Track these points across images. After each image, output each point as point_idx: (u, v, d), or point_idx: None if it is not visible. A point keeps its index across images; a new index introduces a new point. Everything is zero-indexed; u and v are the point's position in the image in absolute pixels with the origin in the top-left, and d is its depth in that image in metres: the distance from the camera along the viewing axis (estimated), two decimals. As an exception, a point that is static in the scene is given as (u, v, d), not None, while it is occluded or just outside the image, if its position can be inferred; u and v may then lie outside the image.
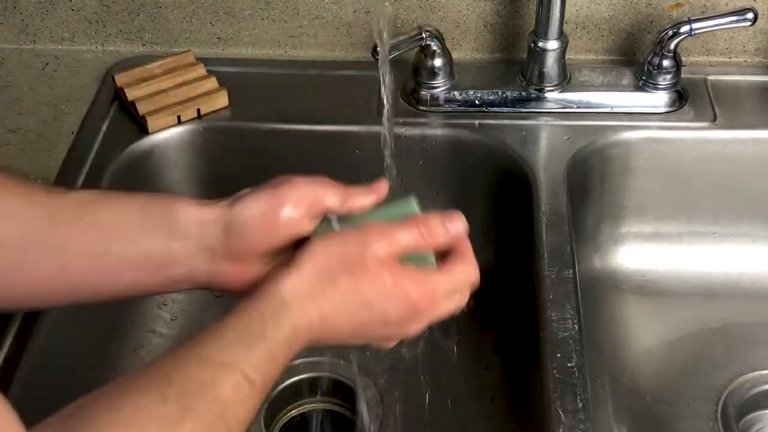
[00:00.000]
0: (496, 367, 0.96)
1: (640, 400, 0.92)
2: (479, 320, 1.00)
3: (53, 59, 1.10)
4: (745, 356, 0.95)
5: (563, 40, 0.98)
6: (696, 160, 0.99)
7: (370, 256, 0.62)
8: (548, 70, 0.99)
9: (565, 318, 0.80)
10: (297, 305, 0.60)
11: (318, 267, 0.61)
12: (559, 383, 0.75)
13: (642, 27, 1.04)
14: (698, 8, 1.02)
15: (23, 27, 1.10)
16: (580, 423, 0.72)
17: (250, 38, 1.09)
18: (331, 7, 1.05)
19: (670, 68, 0.98)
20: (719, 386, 0.93)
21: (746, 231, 1.03)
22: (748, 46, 1.05)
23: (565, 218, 0.89)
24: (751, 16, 0.93)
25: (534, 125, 0.99)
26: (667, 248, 1.04)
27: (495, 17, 1.05)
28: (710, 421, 0.90)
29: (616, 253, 1.04)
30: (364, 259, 0.62)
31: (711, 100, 1.01)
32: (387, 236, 0.63)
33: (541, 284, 0.83)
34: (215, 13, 1.07)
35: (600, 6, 1.03)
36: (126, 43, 1.10)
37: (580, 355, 0.77)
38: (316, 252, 0.62)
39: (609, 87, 1.01)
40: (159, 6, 1.07)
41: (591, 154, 0.98)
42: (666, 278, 1.03)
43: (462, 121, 1.00)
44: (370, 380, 0.95)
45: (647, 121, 0.99)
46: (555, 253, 0.86)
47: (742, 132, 0.99)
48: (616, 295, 1.02)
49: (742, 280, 1.03)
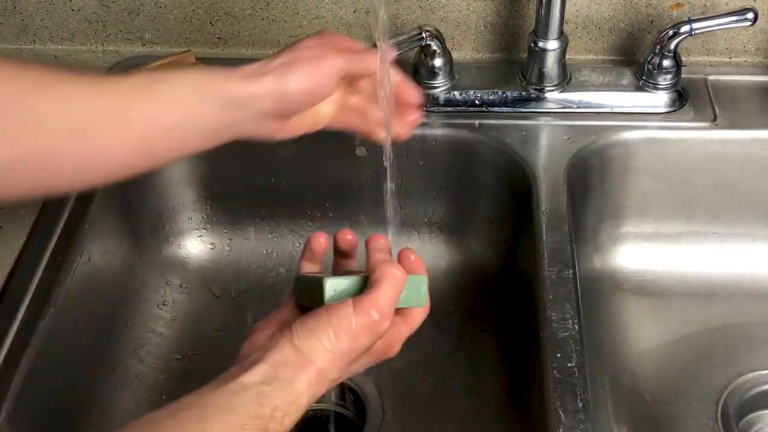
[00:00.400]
0: (496, 367, 0.96)
1: (640, 400, 0.92)
2: (479, 320, 1.00)
3: (53, 59, 1.10)
4: (745, 356, 0.95)
5: (563, 40, 0.98)
6: (696, 160, 0.99)
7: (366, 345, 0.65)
8: (548, 70, 0.99)
9: (565, 318, 0.80)
10: (307, 405, 0.62)
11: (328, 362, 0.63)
12: (559, 383, 0.75)
13: (642, 27, 1.04)
14: (698, 8, 1.02)
15: (23, 27, 1.10)
16: (580, 423, 0.72)
17: (250, 38, 1.09)
18: (331, 7, 1.05)
19: (670, 68, 0.98)
20: (719, 386, 0.93)
21: (746, 231, 1.03)
22: (749, 46, 1.05)
23: (565, 218, 0.90)
24: (751, 16, 0.93)
25: (534, 125, 0.99)
26: (667, 248, 1.04)
27: (495, 17, 1.05)
28: (710, 421, 0.90)
29: (616, 253, 1.04)
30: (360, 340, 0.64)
31: (711, 100, 1.01)
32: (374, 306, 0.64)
33: (541, 284, 0.83)
34: (215, 13, 1.07)
35: (600, 6, 1.03)
36: (126, 43, 1.10)
37: (580, 355, 0.77)
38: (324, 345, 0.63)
39: (609, 87, 1.01)
40: (159, 6, 1.07)
41: (591, 154, 0.98)
42: (666, 278, 1.03)
43: (462, 121, 1.00)
44: (370, 380, 0.95)
45: (647, 121, 0.99)
46: (555, 253, 0.86)
47: (742, 132, 0.99)
48: (616, 295, 1.02)
49: (742, 280, 1.03)
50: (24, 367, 0.78)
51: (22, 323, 0.81)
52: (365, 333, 0.63)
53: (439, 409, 0.93)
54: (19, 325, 0.81)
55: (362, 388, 0.94)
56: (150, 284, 1.02)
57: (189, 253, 1.06)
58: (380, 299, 0.63)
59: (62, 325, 0.84)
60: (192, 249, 1.06)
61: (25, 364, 0.78)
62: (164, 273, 1.04)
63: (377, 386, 0.94)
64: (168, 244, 1.05)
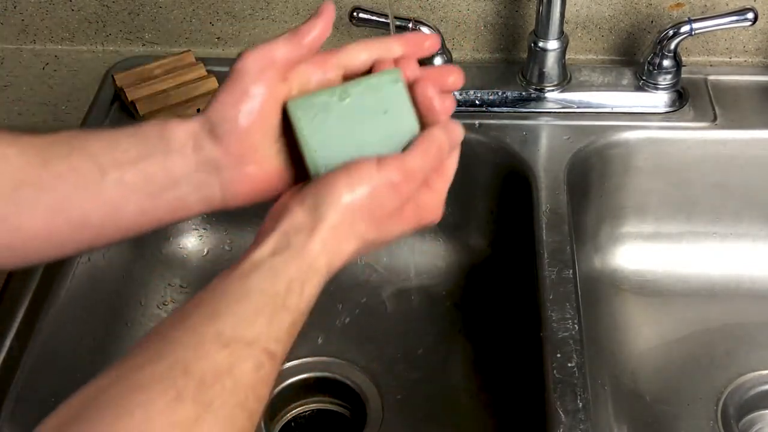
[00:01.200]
0: (496, 367, 0.96)
1: (640, 400, 0.92)
2: (480, 320, 1.00)
3: (53, 59, 1.10)
4: (745, 356, 0.95)
5: (563, 40, 0.98)
6: (696, 160, 0.99)
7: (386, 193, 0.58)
8: (548, 70, 0.99)
9: (565, 318, 0.80)
10: (327, 267, 0.57)
11: (344, 215, 0.57)
12: (559, 383, 0.75)
13: (642, 27, 1.04)
14: (698, 8, 1.02)
15: (23, 27, 1.10)
16: (580, 423, 0.72)
17: (250, 38, 1.09)
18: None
19: (671, 68, 0.98)
20: (719, 386, 0.93)
21: (746, 231, 1.03)
22: (749, 46, 1.05)
23: (565, 218, 0.90)
24: (752, 16, 0.93)
25: (534, 125, 1.00)
26: (667, 248, 1.04)
27: (495, 17, 1.05)
28: (710, 421, 0.90)
29: (616, 253, 1.04)
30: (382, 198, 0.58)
31: (711, 100, 1.01)
32: (399, 168, 0.58)
33: (541, 284, 0.83)
34: (215, 13, 1.07)
35: (600, 6, 1.03)
36: (126, 43, 1.10)
37: (580, 355, 0.77)
38: (338, 198, 0.57)
39: (609, 87, 1.01)
40: (159, 6, 1.07)
41: (591, 154, 0.98)
42: (666, 278, 1.03)
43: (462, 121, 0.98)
44: (370, 380, 0.95)
45: (647, 121, 0.99)
46: (555, 253, 0.86)
47: (742, 132, 0.99)
48: (616, 295, 1.02)
49: (742, 280, 1.03)
50: (24, 367, 0.78)
51: (22, 323, 0.81)
52: (386, 192, 0.58)
53: (439, 409, 0.93)
54: (19, 325, 0.81)
55: (362, 388, 0.94)
56: (150, 284, 1.02)
57: (189, 253, 1.06)
58: (409, 162, 0.59)
59: (62, 325, 0.84)
60: (192, 249, 1.06)
61: (25, 364, 0.78)
62: (164, 273, 1.04)
63: (377, 386, 0.94)
64: (168, 243, 1.05)
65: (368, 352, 0.97)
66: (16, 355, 0.79)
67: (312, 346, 0.98)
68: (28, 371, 0.78)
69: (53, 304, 0.83)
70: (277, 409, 0.95)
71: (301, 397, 0.96)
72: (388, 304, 1.02)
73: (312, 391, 0.96)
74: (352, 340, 0.99)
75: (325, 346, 0.98)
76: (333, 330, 0.99)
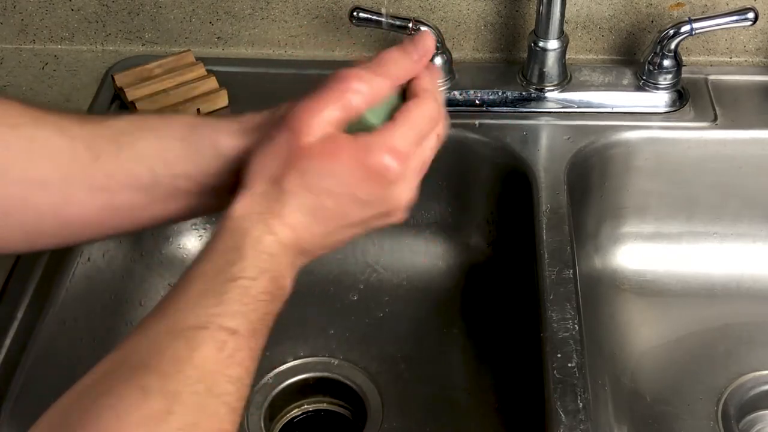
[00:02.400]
0: (496, 367, 0.96)
1: (641, 400, 0.92)
2: (480, 320, 1.00)
3: (53, 59, 1.10)
4: (745, 356, 0.95)
5: (563, 39, 0.98)
6: (696, 160, 0.99)
7: (305, 143, 0.56)
8: (548, 69, 0.99)
9: (565, 318, 0.80)
10: (258, 228, 0.55)
11: (264, 177, 0.56)
12: (559, 383, 0.75)
13: (642, 27, 1.04)
14: (699, 8, 1.02)
15: (23, 27, 1.09)
16: (580, 423, 0.72)
17: (249, 38, 1.09)
18: (331, 7, 1.05)
19: (671, 68, 0.98)
20: (719, 386, 0.93)
21: (746, 231, 1.03)
22: (749, 46, 1.05)
23: (565, 218, 0.89)
24: (752, 16, 0.93)
25: (534, 125, 0.99)
26: (667, 248, 1.04)
27: (495, 17, 1.05)
28: (710, 421, 0.90)
29: (616, 253, 1.04)
30: (300, 148, 0.56)
31: (711, 100, 1.01)
32: (313, 113, 0.57)
33: (542, 284, 0.83)
34: (215, 13, 1.07)
35: (600, 6, 1.03)
36: (126, 43, 1.10)
37: (580, 355, 0.77)
38: (255, 163, 0.57)
39: (609, 87, 1.01)
40: (159, 6, 1.07)
41: (591, 154, 0.98)
42: (666, 278, 1.03)
43: (462, 120, 1.00)
44: (370, 380, 0.95)
45: (647, 121, 0.99)
46: (555, 253, 0.86)
47: (742, 132, 0.99)
48: (617, 295, 1.02)
49: (742, 280, 1.03)
50: (24, 367, 0.78)
51: (22, 323, 0.81)
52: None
53: (439, 409, 0.93)
54: (19, 325, 0.81)
55: (362, 388, 0.94)
56: (150, 284, 1.02)
57: (189, 253, 1.06)
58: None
59: (62, 325, 0.84)
60: (192, 249, 1.06)
61: (25, 364, 0.78)
62: (164, 273, 1.04)
63: (377, 386, 0.94)
64: (168, 244, 1.05)
65: (368, 352, 0.97)
66: (16, 355, 0.79)
67: (312, 346, 0.98)
68: (28, 371, 0.78)
69: (53, 304, 0.83)
70: (277, 409, 0.95)
71: (301, 397, 0.96)
72: (388, 304, 1.02)
73: (312, 391, 0.96)
74: (352, 340, 0.99)
75: (325, 346, 0.98)
76: (333, 330, 0.99)
